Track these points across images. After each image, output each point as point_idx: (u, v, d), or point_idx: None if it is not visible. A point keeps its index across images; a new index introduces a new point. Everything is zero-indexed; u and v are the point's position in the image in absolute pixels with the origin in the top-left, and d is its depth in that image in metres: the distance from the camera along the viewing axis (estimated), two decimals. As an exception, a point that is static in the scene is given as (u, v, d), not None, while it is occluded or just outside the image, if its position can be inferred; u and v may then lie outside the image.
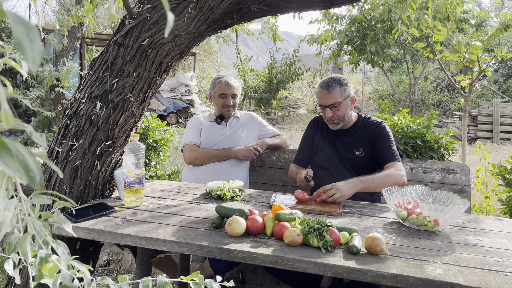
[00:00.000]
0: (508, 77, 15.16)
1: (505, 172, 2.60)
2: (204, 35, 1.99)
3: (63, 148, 1.90)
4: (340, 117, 2.31)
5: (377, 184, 2.03)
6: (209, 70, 19.80)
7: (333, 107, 2.28)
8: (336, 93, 2.27)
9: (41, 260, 0.56)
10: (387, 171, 2.12)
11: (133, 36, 1.89)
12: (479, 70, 4.24)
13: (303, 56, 16.32)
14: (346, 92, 2.30)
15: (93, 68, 1.95)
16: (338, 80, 2.30)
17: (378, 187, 2.03)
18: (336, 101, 2.27)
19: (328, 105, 2.28)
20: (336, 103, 2.27)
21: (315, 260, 1.31)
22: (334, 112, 2.29)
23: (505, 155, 6.56)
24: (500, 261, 1.37)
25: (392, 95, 15.57)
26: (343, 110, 2.30)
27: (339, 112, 2.29)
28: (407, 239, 1.55)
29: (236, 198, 2.04)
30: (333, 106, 2.28)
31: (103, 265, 3.03)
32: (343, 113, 2.31)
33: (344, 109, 2.30)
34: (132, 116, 2.00)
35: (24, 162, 0.41)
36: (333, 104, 2.27)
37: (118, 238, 1.51)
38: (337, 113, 2.29)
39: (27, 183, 0.42)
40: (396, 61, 8.09)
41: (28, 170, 0.41)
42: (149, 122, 3.21)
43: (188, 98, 11.25)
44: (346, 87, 2.31)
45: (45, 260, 0.56)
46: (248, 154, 2.66)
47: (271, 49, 13.00)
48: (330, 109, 2.28)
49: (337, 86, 2.28)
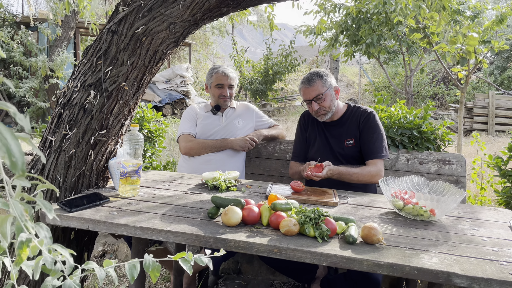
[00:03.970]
0: (503, 69, 15.18)
1: (501, 163, 2.60)
2: (199, 23, 1.96)
3: (57, 137, 1.87)
4: (327, 108, 2.32)
5: (352, 179, 2.20)
6: (204, 61, 19.67)
7: (317, 99, 2.30)
8: (317, 85, 2.29)
9: (21, 244, 0.54)
10: (367, 168, 2.24)
11: (127, 24, 1.86)
12: (476, 61, 4.24)
13: (300, 48, 16.24)
14: (328, 83, 2.32)
15: (86, 56, 1.92)
16: (317, 73, 2.33)
17: (352, 181, 2.21)
18: (319, 93, 2.29)
19: (312, 98, 2.30)
20: (320, 94, 2.29)
21: (311, 249, 1.30)
22: (319, 104, 2.30)
23: (500, 146, 6.59)
24: (496, 250, 1.37)
25: (388, 87, 15.57)
26: (328, 100, 2.31)
27: (324, 103, 2.30)
28: (403, 229, 1.54)
29: (232, 189, 2.02)
30: (318, 98, 2.29)
31: (99, 255, 3.02)
32: (329, 103, 2.32)
33: (329, 99, 2.32)
34: (127, 105, 1.97)
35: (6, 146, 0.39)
36: (317, 96, 2.29)
37: (113, 228, 1.49)
38: (322, 104, 2.30)
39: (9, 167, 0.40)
40: (392, 53, 8.06)
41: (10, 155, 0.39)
42: (144, 113, 3.18)
43: (183, 89, 11.19)
44: (326, 78, 2.33)
45: (26, 244, 0.54)
46: (244, 144, 2.65)
47: (267, 40, 12.91)
48: (315, 101, 2.30)
49: (317, 79, 2.30)
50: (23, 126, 0.44)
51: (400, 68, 15.21)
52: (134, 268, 0.75)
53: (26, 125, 0.44)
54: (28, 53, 9.78)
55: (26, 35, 9.09)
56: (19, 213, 0.52)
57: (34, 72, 9.41)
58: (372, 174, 2.21)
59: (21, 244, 0.54)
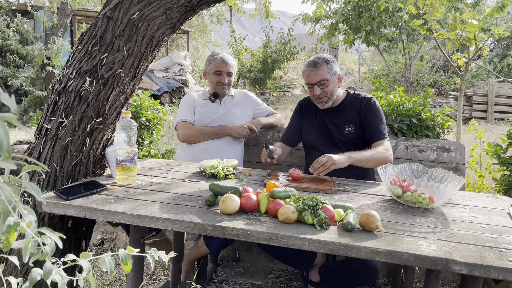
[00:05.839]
0: (503, 57, 15.09)
1: (500, 151, 2.59)
2: (196, 9, 1.93)
3: (52, 125, 1.85)
4: (329, 95, 2.29)
5: (368, 159, 2.09)
6: (203, 50, 19.51)
7: (321, 84, 2.26)
8: (323, 69, 2.26)
9: (9, 228, 0.53)
10: (376, 149, 2.15)
11: (123, 9, 1.82)
12: (476, 48, 4.20)
13: (298, 36, 16.08)
14: (333, 70, 2.29)
15: (81, 42, 1.89)
16: (324, 58, 2.30)
17: (368, 161, 2.10)
18: (323, 78, 2.25)
19: (316, 82, 2.27)
20: (324, 79, 2.26)
21: (309, 237, 1.30)
22: (322, 89, 2.27)
23: (499, 134, 6.59)
24: (495, 237, 1.36)
25: (387, 75, 15.48)
26: (331, 87, 2.28)
27: (327, 89, 2.28)
28: (401, 216, 1.54)
29: (230, 177, 2.01)
30: (321, 83, 2.26)
31: (97, 244, 3.02)
32: (331, 90, 2.29)
33: (332, 86, 2.29)
34: (123, 92, 1.95)
35: (-10, 126, 0.37)
36: (321, 81, 2.26)
37: (110, 216, 1.49)
38: (325, 90, 2.28)
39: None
40: (392, 40, 7.99)
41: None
42: (142, 101, 3.15)
43: (182, 78, 11.11)
44: (333, 64, 2.30)
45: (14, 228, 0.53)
46: (242, 131, 2.63)
47: (266, 27, 12.80)
48: (318, 86, 2.27)
49: (323, 63, 2.27)
50: (10, 107, 0.42)
51: (399, 56, 15.11)
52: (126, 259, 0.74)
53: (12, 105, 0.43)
54: (25, 41, 9.69)
55: (22, 22, 8.99)
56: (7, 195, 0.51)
57: (30, 60, 9.33)
58: (383, 152, 2.13)
59: (9, 228, 0.53)
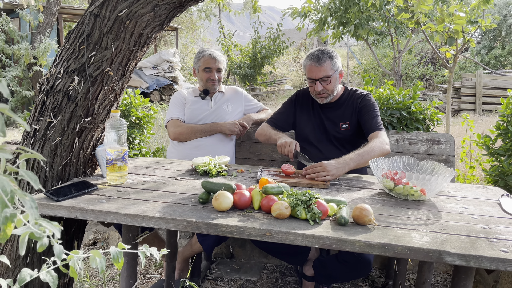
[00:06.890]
0: (490, 49, 15.25)
1: (489, 142, 2.62)
2: (184, 5, 1.91)
3: (41, 125, 1.83)
4: (329, 91, 2.26)
5: (366, 159, 1.97)
6: (192, 46, 19.39)
7: (323, 80, 2.22)
8: (327, 66, 2.20)
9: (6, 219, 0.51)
10: (371, 143, 2.07)
11: (110, 6, 1.80)
12: (463, 41, 4.23)
13: (288, 31, 16.07)
14: (336, 66, 2.24)
15: (68, 41, 1.86)
16: (328, 53, 2.23)
17: (367, 161, 1.97)
18: (326, 75, 2.20)
19: (319, 79, 2.21)
20: (327, 76, 2.21)
21: (303, 232, 1.30)
22: (324, 85, 2.23)
23: (488, 125, 6.66)
24: (486, 228, 1.38)
25: (376, 69, 15.54)
26: (332, 84, 2.25)
27: (328, 86, 2.24)
28: (394, 209, 1.55)
29: (222, 174, 2.01)
30: (324, 79, 2.21)
31: (90, 244, 3.00)
32: (332, 87, 2.26)
33: (334, 83, 2.25)
34: (112, 91, 1.93)
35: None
36: (324, 78, 2.21)
37: (102, 216, 1.47)
38: (326, 86, 2.24)
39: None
40: (381, 34, 8.02)
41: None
42: (132, 99, 3.12)
43: (171, 75, 11.04)
44: (336, 60, 2.24)
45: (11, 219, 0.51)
46: (234, 128, 2.62)
47: (255, 23, 12.75)
48: (320, 82, 2.22)
49: (327, 59, 2.20)
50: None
51: (388, 49, 15.18)
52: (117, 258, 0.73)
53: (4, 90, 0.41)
54: (10, 41, 9.53)
55: (7, 22, 8.84)
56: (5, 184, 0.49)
57: (17, 60, 9.18)
58: (380, 146, 2.06)
59: (5, 219, 0.52)
